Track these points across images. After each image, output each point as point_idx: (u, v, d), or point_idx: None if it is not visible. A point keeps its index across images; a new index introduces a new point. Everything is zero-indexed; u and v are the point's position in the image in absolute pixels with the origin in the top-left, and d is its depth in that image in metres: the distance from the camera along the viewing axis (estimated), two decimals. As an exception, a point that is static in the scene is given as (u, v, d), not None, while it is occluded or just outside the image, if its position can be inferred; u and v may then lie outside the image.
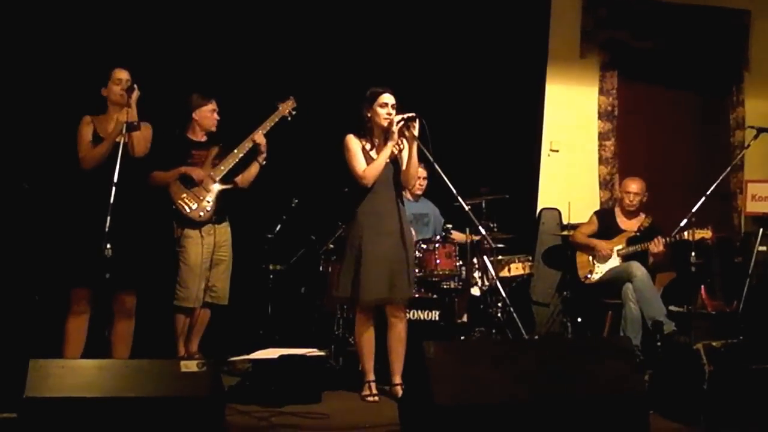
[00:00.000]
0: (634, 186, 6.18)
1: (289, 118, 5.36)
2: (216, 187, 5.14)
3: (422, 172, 5.84)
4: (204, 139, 5.26)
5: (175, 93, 5.30)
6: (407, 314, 4.83)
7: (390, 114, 4.53)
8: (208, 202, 5.10)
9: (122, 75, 4.62)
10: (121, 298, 4.57)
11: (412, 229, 5.08)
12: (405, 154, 4.63)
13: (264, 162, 5.28)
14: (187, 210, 5.06)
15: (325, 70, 6.31)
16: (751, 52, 7.63)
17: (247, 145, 5.20)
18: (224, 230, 5.26)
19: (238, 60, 6.15)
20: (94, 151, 4.50)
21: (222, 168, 5.15)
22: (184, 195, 5.08)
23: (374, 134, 4.63)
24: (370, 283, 4.48)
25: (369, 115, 4.59)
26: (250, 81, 6.04)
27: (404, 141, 4.58)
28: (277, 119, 5.31)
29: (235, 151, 5.18)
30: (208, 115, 5.23)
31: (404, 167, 4.64)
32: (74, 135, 4.61)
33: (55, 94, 5.48)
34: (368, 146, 4.62)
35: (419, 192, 6.07)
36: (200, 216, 5.08)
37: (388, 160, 4.57)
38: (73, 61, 5.59)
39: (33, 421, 3.10)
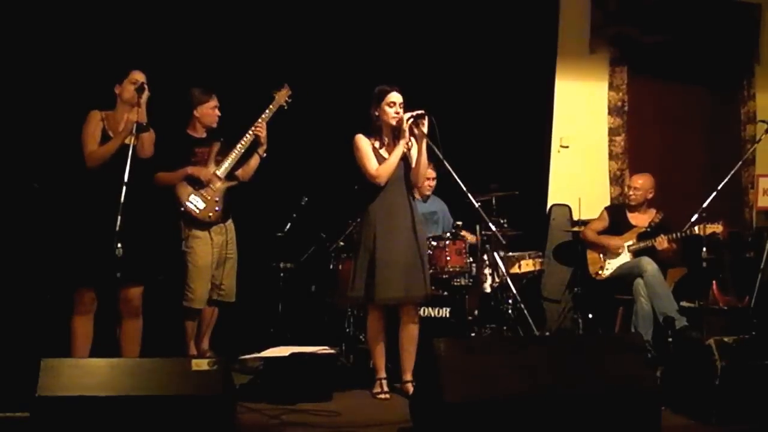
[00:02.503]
0: (637, 181, 6.20)
1: (286, 107, 5.33)
2: (222, 185, 5.13)
3: (431, 173, 5.83)
4: (204, 135, 5.23)
5: (169, 89, 5.26)
6: (419, 312, 4.83)
7: (398, 113, 4.53)
8: (217, 201, 5.09)
9: (139, 77, 4.61)
10: (126, 295, 4.54)
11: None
12: (414, 152, 4.63)
13: (264, 154, 5.26)
14: (197, 211, 5.05)
15: (331, 67, 6.31)
16: (761, 46, 7.61)
17: (248, 138, 5.18)
18: (231, 228, 5.25)
19: (235, 54, 6.11)
20: (101, 150, 4.49)
21: (226, 165, 5.13)
22: (192, 195, 5.06)
23: (383, 133, 4.63)
24: (386, 283, 4.48)
25: (377, 113, 4.59)
26: (249, 75, 6.00)
27: (413, 139, 4.58)
28: (275, 109, 5.27)
29: (238, 146, 5.15)
30: (209, 111, 5.19)
31: (414, 165, 4.64)
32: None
33: (65, 93, 5.50)
34: (377, 144, 4.62)
35: (428, 192, 6.06)
36: (209, 216, 5.07)
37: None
38: (78, 60, 5.60)
39: (45, 420, 3.11)
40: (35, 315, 5.15)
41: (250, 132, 5.17)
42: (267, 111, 5.24)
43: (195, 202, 5.05)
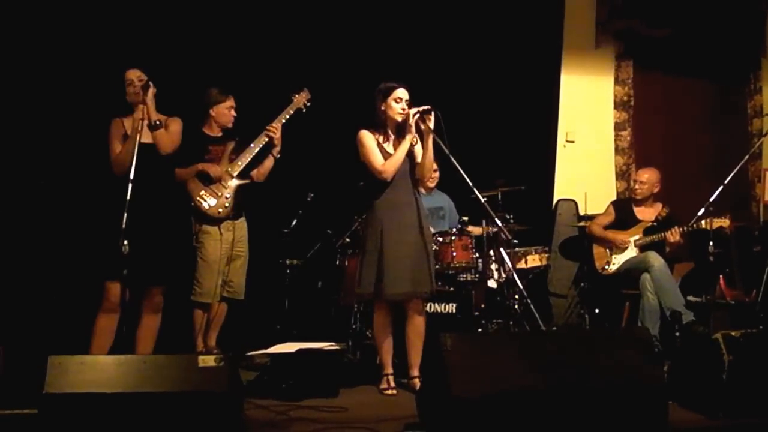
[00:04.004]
0: (643, 175, 6.20)
1: (304, 110, 5.35)
2: (234, 183, 5.14)
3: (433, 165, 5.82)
4: (220, 134, 5.26)
5: (187, 88, 5.29)
6: (425, 307, 4.83)
7: (404, 109, 4.53)
8: (227, 198, 5.11)
9: (132, 75, 4.63)
10: (152, 293, 4.63)
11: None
12: (418, 150, 4.63)
13: (278, 155, 5.27)
14: (206, 206, 5.06)
15: (338, 63, 6.31)
16: (768, 38, 7.57)
17: (263, 139, 5.19)
18: (241, 226, 5.27)
19: (251, 54, 6.16)
20: (120, 155, 4.54)
21: (239, 163, 5.15)
22: (203, 192, 5.08)
23: (388, 128, 4.63)
24: (394, 278, 4.48)
25: (383, 108, 4.59)
26: (264, 74, 6.05)
27: (419, 134, 4.58)
28: (292, 111, 5.29)
29: (252, 145, 5.17)
30: (225, 111, 5.23)
31: (419, 160, 4.63)
32: (98, 135, 4.65)
33: (72, 93, 5.52)
34: (382, 139, 4.63)
35: (432, 185, 6.06)
36: (219, 212, 5.09)
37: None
38: (85, 60, 5.62)
39: (52, 417, 3.12)
40: (43, 313, 5.17)
41: (265, 133, 5.18)
42: (285, 113, 5.26)
43: (206, 199, 5.07)
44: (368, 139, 4.59)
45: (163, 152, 4.58)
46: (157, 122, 4.53)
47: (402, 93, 4.57)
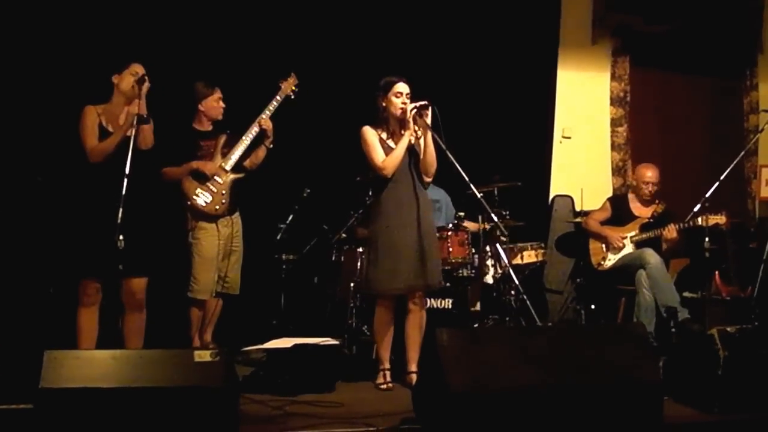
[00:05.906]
0: (651, 174, 6.12)
1: (293, 96, 5.32)
2: (229, 178, 5.13)
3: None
4: (210, 128, 5.24)
5: (174, 82, 5.22)
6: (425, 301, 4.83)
7: (405, 103, 4.53)
8: (223, 194, 5.09)
9: (139, 69, 4.60)
10: (130, 287, 4.52)
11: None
12: (421, 143, 4.62)
13: (271, 145, 5.25)
14: (203, 204, 5.05)
15: (333, 58, 6.29)
16: (765, 35, 7.58)
17: (254, 130, 5.17)
18: (237, 221, 5.26)
19: (238, 46, 6.10)
20: (103, 145, 4.47)
21: (232, 157, 5.13)
22: (198, 189, 5.06)
23: (390, 123, 4.63)
24: (397, 272, 4.50)
25: (384, 104, 4.59)
26: (251, 65, 5.99)
27: (419, 130, 4.58)
28: (280, 99, 5.26)
29: (243, 138, 5.15)
30: (214, 104, 5.20)
31: (422, 156, 4.63)
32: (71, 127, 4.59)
33: (66, 86, 5.49)
34: (384, 135, 4.62)
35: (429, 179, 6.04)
36: (216, 209, 5.08)
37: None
38: (81, 54, 5.59)
39: (48, 412, 3.11)
40: (39, 307, 5.16)
41: (256, 124, 5.17)
42: (273, 101, 5.23)
43: (202, 196, 5.06)
44: (370, 135, 4.59)
45: (143, 147, 4.48)
46: (145, 116, 4.48)
47: (402, 87, 4.57)
